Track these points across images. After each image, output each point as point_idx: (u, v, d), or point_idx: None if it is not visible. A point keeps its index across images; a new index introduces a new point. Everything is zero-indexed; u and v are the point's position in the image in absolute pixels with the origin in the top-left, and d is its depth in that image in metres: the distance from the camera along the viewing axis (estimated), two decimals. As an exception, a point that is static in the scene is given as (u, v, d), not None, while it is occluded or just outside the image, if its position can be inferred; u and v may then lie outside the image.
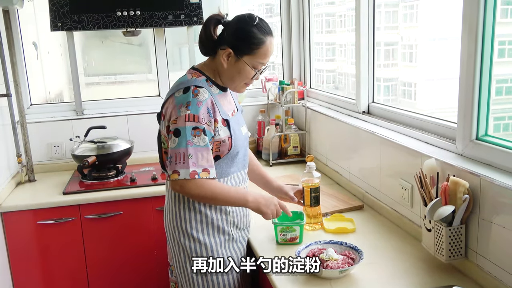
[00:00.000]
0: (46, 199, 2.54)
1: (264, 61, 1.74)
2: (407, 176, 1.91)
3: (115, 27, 2.88)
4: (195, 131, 1.65)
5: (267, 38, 1.71)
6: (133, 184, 2.70)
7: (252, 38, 1.69)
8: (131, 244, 2.65)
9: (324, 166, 2.78)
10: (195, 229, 1.77)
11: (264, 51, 1.71)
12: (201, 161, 1.66)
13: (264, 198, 1.82)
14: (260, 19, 1.73)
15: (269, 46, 1.72)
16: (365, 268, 1.66)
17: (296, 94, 3.09)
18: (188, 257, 1.79)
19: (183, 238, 1.79)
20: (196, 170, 1.65)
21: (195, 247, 1.77)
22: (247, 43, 1.70)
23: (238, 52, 1.71)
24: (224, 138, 1.74)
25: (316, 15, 3.22)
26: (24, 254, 2.54)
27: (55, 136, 3.02)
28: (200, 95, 1.68)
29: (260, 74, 1.79)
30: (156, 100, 3.27)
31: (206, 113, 1.67)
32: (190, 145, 1.64)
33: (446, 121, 1.88)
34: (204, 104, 1.67)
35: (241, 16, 1.74)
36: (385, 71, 2.53)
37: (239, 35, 1.71)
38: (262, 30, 1.70)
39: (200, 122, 1.65)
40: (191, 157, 1.64)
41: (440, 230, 1.58)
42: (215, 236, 1.79)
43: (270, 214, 1.82)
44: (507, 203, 1.40)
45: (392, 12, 2.48)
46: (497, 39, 1.60)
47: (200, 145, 1.65)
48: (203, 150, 1.66)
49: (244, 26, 1.70)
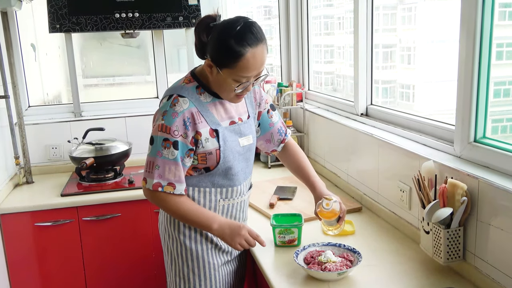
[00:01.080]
0: (44, 201, 2.53)
1: (248, 74, 1.56)
2: (405, 178, 1.91)
3: (113, 29, 2.88)
4: (165, 143, 1.59)
5: (247, 50, 1.51)
6: (131, 186, 2.70)
7: (229, 51, 1.52)
8: (129, 246, 2.65)
9: (322, 168, 2.78)
10: (183, 233, 1.75)
11: (243, 64, 1.53)
12: (167, 175, 1.61)
13: (230, 228, 1.68)
14: (245, 27, 1.53)
15: (251, 59, 1.52)
16: (364, 270, 1.66)
17: (294, 96, 3.09)
18: (174, 260, 1.78)
19: (171, 241, 1.78)
20: (161, 182, 1.61)
21: (181, 251, 1.76)
22: (225, 57, 1.54)
23: (218, 64, 1.56)
24: (211, 150, 1.66)
25: (314, 17, 3.23)
26: (22, 256, 2.53)
27: (53, 138, 3.01)
28: (177, 106, 1.60)
29: (252, 85, 1.64)
30: (155, 102, 3.27)
31: (182, 125, 1.59)
32: (159, 156, 1.60)
33: (444, 123, 1.88)
34: (180, 115, 1.59)
35: (225, 23, 1.56)
36: (384, 73, 2.53)
37: (216, 46, 1.55)
38: (242, 41, 1.51)
39: (171, 134, 1.59)
40: (158, 168, 1.61)
41: (438, 232, 1.58)
42: (202, 243, 1.76)
43: (237, 246, 1.68)
44: (505, 205, 1.40)
45: (390, 14, 2.49)
46: (495, 41, 1.60)
47: (169, 158, 1.60)
48: (171, 164, 1.60)
49: (222, 37, 1.53)
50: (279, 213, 1.99)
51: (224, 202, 1.77)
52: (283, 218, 1.95)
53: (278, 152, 2.00)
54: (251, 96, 1.84)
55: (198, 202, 1.73)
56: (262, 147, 1.99)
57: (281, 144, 1.98)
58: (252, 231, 1.71)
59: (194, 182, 1.72)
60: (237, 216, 1.83)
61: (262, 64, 1.58)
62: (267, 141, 1.96)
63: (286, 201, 2.37)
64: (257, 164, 2.99)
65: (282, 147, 1.99)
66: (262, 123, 1.93)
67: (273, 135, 1.95)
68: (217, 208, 1.76)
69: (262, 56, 1.56)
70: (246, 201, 1.87)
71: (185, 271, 1.76)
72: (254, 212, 2.27)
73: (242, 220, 1.87)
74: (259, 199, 2.37)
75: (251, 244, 1.70)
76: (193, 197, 1.72)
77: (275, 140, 1.96)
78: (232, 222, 1.71)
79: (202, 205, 1.74)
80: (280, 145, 1.98)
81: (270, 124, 1.94)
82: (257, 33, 1.54)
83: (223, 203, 1.77)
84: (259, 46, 1.54)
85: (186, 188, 1.70)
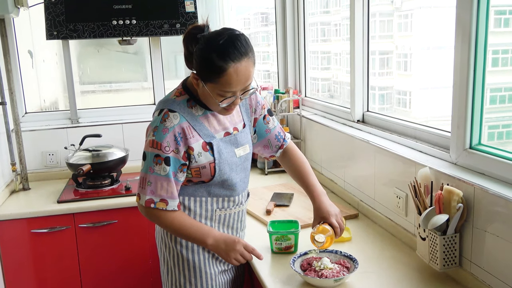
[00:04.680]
0: (40, 207, 2.53)
1: (232, 89, 1.52)
2: (402, 185, 1.91)
3: (110, 36, 2.88)
4: (157, 159, 1.58)
5: (229, 65, 1.46)
6: (128, 192, 2.69)
7: (211, 66, 1.48)
8: (125, 253, 2.64)
9: (319, 175, 2.78)
10: (179, 243, 1.72)
11: (226, 80, 1.48)
12: (159, 191, 1.60)
13: (225, 243, 1.67)
14: (230, 40, 1.49)
15: (233, 74, 1.48)
16: (360, 277, 1.65)
17: (291, 102, 3.10)
18: (170, 270, 1.76)
19: (167, 251, 1.76)
20: (153, 199, 1.60)
21: (178, 261, 1.74)
22: (207, 71, 1.50)
23: (202, 78, 1.54)
24: (205, 164, 1.63)
25: (311, 24, 3.24)
26: (18, 263, 2.52)
27: (49, 145, 3.01)
28: (167, 121, 1.57)
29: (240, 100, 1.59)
30: (152, 108, 3.23)
31: (173, 141, 1.57)
32: (151, 172, 1.59)
33: (440, 130, 1.89)
34: (171, 131, 1.57)
35: (209, 36, 1.52)
36: (380, 79, 2.54)
37: (200, 61, 1.52)
38: (224, 56, 1.46)
39: (162, 150, 1.57)
40: (150, 185, 1.60)
41: (434, 239, 1.58)
42: (199, 253, 1.73)
43: (232, 261, 1.69)
44: (501, 212, 1.41)
45: (386, 21, 2.50)
46: (491, 49, 1.61)
47: (161, 174, 1.59)
48: (163, 180, 1.59)
49: (205, 51, 1.49)
50: (275, 220, 1.99)
51: (221, 212, 1.75)
52: (280, 225, 1.95)
53: (276, 157, 1.98)
54: (246, 103, 1.81)
55: (194, 212, 1.71)
56: (260, 153, 1.97)
57: (280, 150, 1.95)
58: (248, 246, 1.70)
59: (190, 192, 1.70)
60: (235, 225, 1.81)
61: (247, 79, 1.53)
62: (264, 147, 1.94)
63: (283, 207, 2.37)
64: (254, 170, 2.99)
65: (280, 152, 1.96)
66: (258, 130, 1.89)
67: (270, 141, 1.92)
68: (214, 218, 1.74)
69: (246, 71, 1.51)
70: (244, 211, 1.85)
71: (182, 281, 1.75)
72: (251, 218, 2.27)
73: (240, 230, 1.85)
74: (255, 206, 2.37)
75: (247, 258, 1.71)
76: (189, 206, 1.71)
77: (273, 146, 1.93)
78: (228, 237, 1.70)
79: (198, 215, 1.72)
80: (278, 151, 1.95)
81: (267, 131, 1.89)
82: (240, 47, 1.49)
83: (220, 213, 1.75)
84: (243, 61, 1.49)
85: (182, 197, 1.69)
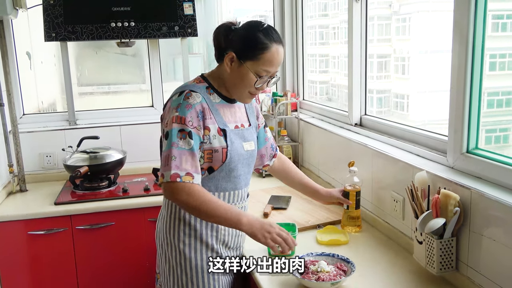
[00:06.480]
0: (37, 209, 2.53)
1: (269, 69, 1.65)
2: (399, 188, 1.92)
3: (109, 38, 2.89)
4: (181, 134, 1.60)
5: (273, 44, 1.63)
6: (126, 194, 2.69)
7: (256, 42, 1.62)
8: (122, 255, 2.64)
9: (317, 178, 2.78)
10: (183, 242, 1.72)
11: (268, 57, 1.63)
12: (184, 165, 1.58)
13: (260, 223, 1.62)
14: (270, 26, 1.67)
15: (275, 53, 1.63)
16: (357, 280, 1.65)
17: (289, 105, 3.10)
18: (172, 269, 1.76)
19: (170, 249, 1.75)
20: (178, 173, 1.57)
21: (180, 260, 1.73)
22: (251, 47, 1.63)
23: (241, 56, 1.64)
24: (217, 148, 1.67)
25: (309, 27, 3.24)
26: (15, 265, 2.51)
27: (47, 146, 3.01)
28: (191, 98, 1.64)
29: (266, 85, 1.70)
30: (150, 110, 3.27)
31: (196, 117, 1.63)
32: (175, 147, 1.59)
33: (437, 134, 1.89)
34: (194, 107, 1.63)
35: (249, 22, 1.70)
36: (378, 83, 2.54)
37: (243, 39, 1.65)
38: (269, 36, 1.63)
39: (186, 124, 1.60)
40: (174, 159, 1.57)
41: (431, 243, 1.58)
42: (202, 252, 1.73)
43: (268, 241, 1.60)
44: (497, 216, 1.41)
45: (384, 24, 2.50)
46: (488, 53, 1.62)
47: (185, 148, 1.59)
48: (188, 154, 1.59)
49: (250, 30, 1.65)
50: (273, 223, 1.99)
51: None
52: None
53: (270, 166, 2.07)
54: (252, 106, 1.90)
55: None
56: (256, 163, 2.02)
57: (273, 159, 2.06)
58: (282, 232, 1.63)
59: None
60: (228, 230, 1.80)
61: (279, 64, 1.68)
62: (262, 156, 2.02)
63: (280, 210, 2.37)
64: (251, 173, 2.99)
65: (273, 161, 2.07)
66: (259, 137, 1.97)
67: (267, 150, 2.03)
68: None
69: (281, 56, 1.67)
70: (246, 208, 1.87)
71: (184, 280, 1.74)
72: (248, 221, 2.27)
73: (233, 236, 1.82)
74: (253, 208, 2.37)
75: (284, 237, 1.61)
76: None
77: (268, 155, 2.04)
78: (260, 219, 1.66)
79: None
80: (272, 159, 2.06)
81: (266, 139, 2.01)
82: (278, 34, 1.68)
83: None
84: (280, 46, 1.66)
85: None
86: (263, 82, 1.67)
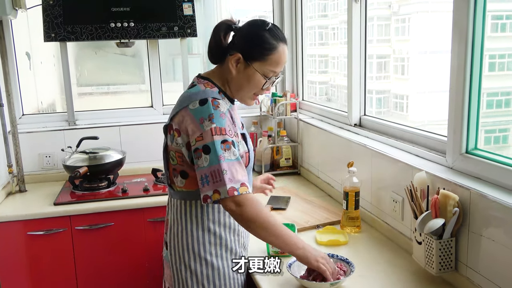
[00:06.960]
0: (36, 209, 2.52)
1: (276, 69, 1.61)
2: (398, 189, 1.92)
3: (108, 38, 2.89)
4: (225, 145, 1.51)
5: (279, 44, 1.59)
6: (125, 195, 2.68)
7: (263, 42, 1.57)
8: (122, 256, 2.64)
9: (316, 178, 2.78)
10: (209, 252, 1.64)
11: (276, 57, 1.59)
12: (236, 176, 1.50)
13: (313, 248, 1.60)
14: (274, 25, 1.63)
15: (282, 53, 1.60)
16: (356, 280, 1.65)
17: (288, 106, 3.11)
18: (197, 283, 1.65)
19: (193, 262, 1.64)
20: (234, 186, 1.49)
21: (207, 272, 1.64)
22: (258, 48, 1.58)
23: (248, 57, 1.58)
24: (242, 153, 1.61)
25: (309, 27, 3.25)
26: (14, 266, 2.51)
27: (46, 147, 3.00)
28: (221, 107, 1.54)
29: (272, 85, 1.65)
30: (149, 111, 3.27)
31: (231, 124, 1.56)
32: (222, 160, 1.49)
33: (437, 134, 1.89)
34: (227, 115, 1.55)
35: (253, 21, 1.64)
36: (377, 83, 2.54)
37: (250, 39, 1.59)
38: (275, 35, 1.59)
39: (227, 134, 1.52)
40: (226, 173, 1.48)
41: (430, 243, 1.59)
42: (228, 259, 1.67)
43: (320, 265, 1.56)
44: (496, 216, 1.41)
45: (384, 25, 2.51)
46: (488, 53, 1.62)
47: (232, 159, 1.51)
48: (236, 164, 1.51)
49: (256, 30, 1.60)
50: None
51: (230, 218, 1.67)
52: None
53: None
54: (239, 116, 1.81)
55: (218, 218, 1.65)
56: None
57: None
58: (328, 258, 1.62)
59: None
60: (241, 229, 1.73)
61: (285, 63, 1.67)
62: None
63: (279, 211, 2.37)
64: (251, 173, 2.99)
65: None
66: None
67: None
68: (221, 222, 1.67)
69: (286, 55, 1.65)
70: None
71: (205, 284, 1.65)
72: (248, 221, 2.27)
73: (246, 237, 1.78)
74: (252, 209, 2.37)
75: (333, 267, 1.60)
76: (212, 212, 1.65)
77: None
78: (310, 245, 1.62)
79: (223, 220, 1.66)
80: None
81: None
82: (283, 33, 1.65)
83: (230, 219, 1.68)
84: (286, 46, 1.63)
85: (189, 201, 1.64)
86: (270, 83, 1.64)
